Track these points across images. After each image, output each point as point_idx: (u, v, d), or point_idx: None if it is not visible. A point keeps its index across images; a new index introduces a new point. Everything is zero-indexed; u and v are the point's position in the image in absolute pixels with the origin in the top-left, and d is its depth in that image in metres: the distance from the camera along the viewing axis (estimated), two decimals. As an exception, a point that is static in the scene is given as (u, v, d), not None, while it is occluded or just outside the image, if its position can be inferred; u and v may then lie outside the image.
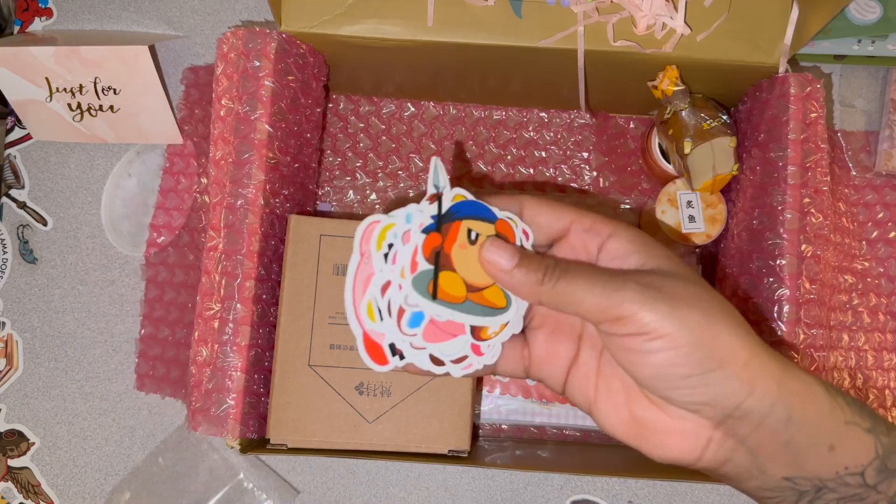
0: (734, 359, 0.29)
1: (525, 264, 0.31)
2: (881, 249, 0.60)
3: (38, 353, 0.61)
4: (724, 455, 0.31)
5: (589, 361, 0.34)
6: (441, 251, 0.31)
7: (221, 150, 0.48)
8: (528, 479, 0.59)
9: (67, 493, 0.59)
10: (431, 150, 0.63)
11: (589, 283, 0.30)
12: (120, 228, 0.62)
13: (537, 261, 0.31)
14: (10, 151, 0.64)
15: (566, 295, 0.30)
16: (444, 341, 0.32)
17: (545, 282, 0.31)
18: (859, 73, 0.63)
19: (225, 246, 0.47)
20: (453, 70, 0.55)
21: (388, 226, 0.31)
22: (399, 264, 0.31)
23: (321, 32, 0.50)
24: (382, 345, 0.32)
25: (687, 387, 0.29)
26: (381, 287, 0.31)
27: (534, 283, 0.31)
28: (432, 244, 0.31)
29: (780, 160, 0.48)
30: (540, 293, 0.31)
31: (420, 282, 0.31)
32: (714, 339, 0.29)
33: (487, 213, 0.32)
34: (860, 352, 0.58)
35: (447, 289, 0.31)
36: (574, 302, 0.30)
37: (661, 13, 0.48)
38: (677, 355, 0.29)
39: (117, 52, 0.57)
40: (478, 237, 0.32)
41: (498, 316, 0.33)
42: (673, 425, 0.31)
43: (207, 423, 0.45)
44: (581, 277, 0.30)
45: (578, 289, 0.30)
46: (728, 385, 0.29)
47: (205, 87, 0.62)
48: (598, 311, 0.30)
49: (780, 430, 0.30)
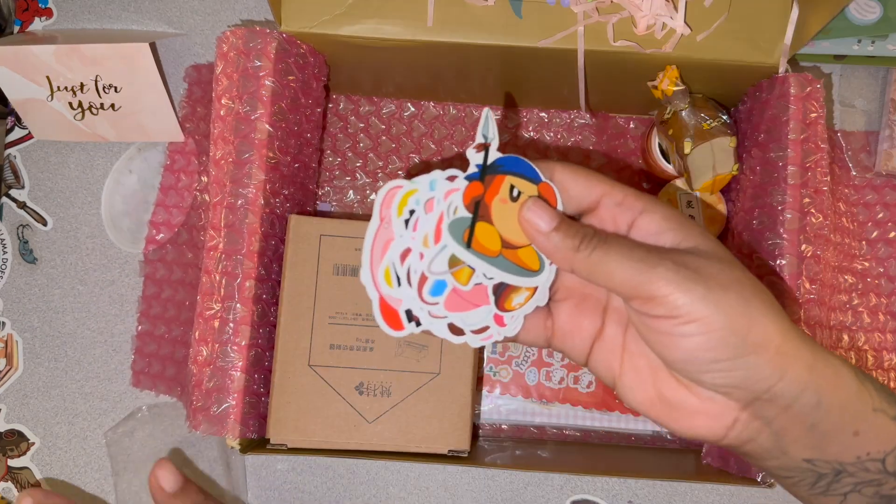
0: (768, 344, 0.28)
1: (563, 229, 0.31)
2: (881, 249, 0.60)
3: (38, 353, 0.61)
4: (748, 435, 0.31)
5: (614, 337, 0.33)
6: (482, 201, 0.31)
7: (221, 150, 0.48)
8: (528, 479, 0.59)
9: (67, 493, 0.59)
10: (431, 150, 0.63)
11: (625, 256, 0.29)
12: (120, 225, 0.62)
13: (576, 227, 0.31)
14: (10, 151, 0.64)
15: (600, 265, 0.30)
16: (467, 311, 0.32)
17: (581, 249, 0.30)
18: (859, 73, 0.63)
19: (225, 246, 0.47)
20: (453, 70, 0.55)
21: (411, 192, 0.30)
22: (421, 232, 0.30)
23: (321, 32, 0.50)
24: (399, 310, 0.31)
25: (718, 370, 0.29)
26: (400, 254, 0.31)
27: (569, 249, 0.30)
28: (473, 193, 0.30)
29: (780, 160, 0.48)
30: (574, 260, 0.30)
31: (456, 228, 0.30)
32: (749, 323, 0.28)
33: (533, 173, 0.32)
34: (860, 352, 0.58)
35: (482, 240, 0.31)
36: (607, 274, 0.30)
37: (661, 13, 0.48)
38: (710, 339, 0.28)
39: (118, 49, 0.57)
40: (520, 195, 0.31)
41: (529, 277, 0.32)
42: (700, 406, 0.31)
43: (208, 422, 0.45)
44: (617, 250, 0.30)
45: (613, 261, 0.29)
46: (760, 370, 0.29)
47: (207, 85, 0.62)
48: (630, 286, 0.29)
49: (808, 413, 0.29)
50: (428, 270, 0.31)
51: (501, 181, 0.31)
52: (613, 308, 0.33)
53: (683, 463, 0.55)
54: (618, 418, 0.56)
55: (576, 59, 0.50)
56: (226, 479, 0.58)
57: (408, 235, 0.31)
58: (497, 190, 0.31)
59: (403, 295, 0.31)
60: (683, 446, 0.58)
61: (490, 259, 0.31)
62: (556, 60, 0.51)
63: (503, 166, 0.31)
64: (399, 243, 0.31)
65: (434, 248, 0.30)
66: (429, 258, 0.31)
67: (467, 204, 0.30)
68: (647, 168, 0.61)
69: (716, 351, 0.28)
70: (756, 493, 0.58)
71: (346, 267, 0.49)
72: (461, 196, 0.30)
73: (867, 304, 0.59)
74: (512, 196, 0.31)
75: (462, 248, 0.31)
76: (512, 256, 0.32)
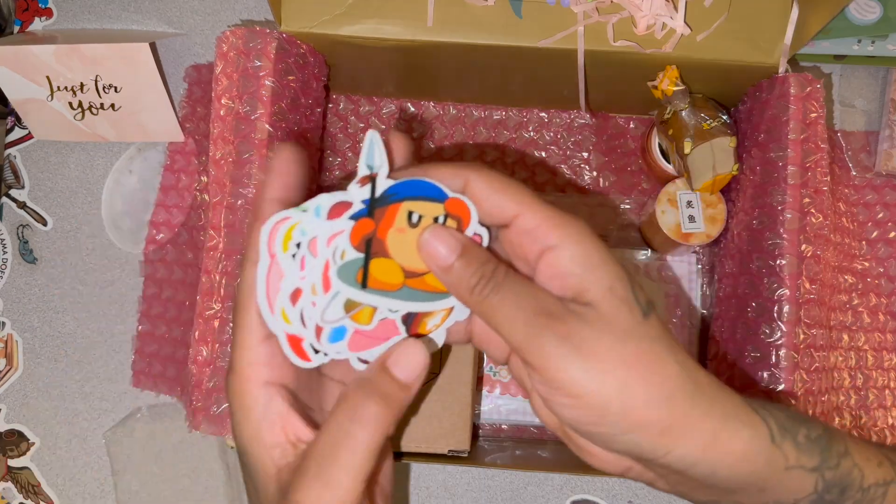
0: (648, 426, 0.26)
1: (464, 263, 0.28)
2: (881, 249, 0.60)
3: (38, 353, 0.61)
4: (647, 479, 0.30)
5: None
6: (373, 238, 0.27)
7: (221, 150, 0.48)
8: (528, 479, 0.59)
9: (67, 493, 0.59)
10: (431, 149, 0.63)
11: (513, 312, 0.27)
12: (120, 225, 0.62)
13: (476, 263, 0.28)
14: (10, 151, 0.64)
15: (490, 313, 0.27)
16: (376, 347, 0.29)
17: (475, 292, 0.28)
18: (859, 73, 0.63)
19: (225, 246, 0.47)
20: (453, 70, 0.55)
21: (294, 224, 0.27)
22: (309, 278, 0.27)
23: (321, 32, 0.50)
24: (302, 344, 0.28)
25: (597, 440, 0.28)
26: (289, 295, 0.27)
27: (465, 289, 0.28)
28: (363, 231, 0.27)
29: (780, 160, 0.48)
30: (468, 300, 0.28)
31: (347, 272, 0.27)
32: (626, 409, 0.26)
33: (435, 192, 0.28)
34: (860, 352, 0.58)
35: (380, 277, 0.28)
36: (495, 324, 0.28)
37: (661, 13, 0.48)
38: (587, 414, 0.27)
39: (118, 49, 0.57)
40: (420, 219, 0.28)
41: (441, 301, 0.29)
42: (594, 449, 0.30)
43: (208, 422, 0.45)
44: (510, 302, 0.27)
45: (501, 314, 0.27)
46: (641, 446, 0.27)
47: (207, 85, 0.62)
48: (513, 346, 0.27)
49: (703, 479, 0.28)
50: (322, 321, 0.27)
51: (396, 210, 0.28)
52: None
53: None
54: (618, 418, 0.56)
55: (576, 59, 0.50)
56: (226, 480, 0.58)
57: (296, 275, 0.27)
58: (391, 221, 0.28)
59: (304, 333, 0.28)
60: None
61: (392, 294, 0.28)
62: (556, 60, 0.51)
63: (396, 194, 0.28)
64: (288, 283, 0.27)
65: (324, 296, 0.27)
66: (321, 307, 0.27)
67: (356, 245, 0.27)
68: (647, 168, 0.61)
69: (593, 426, 0.27)
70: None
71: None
72: (347, 238, 0.27)
73: (867, 304, 0.59)
74: (411, 223, 0.28)
75: (358, 291, 0.28)
76: (418, 284, 0.29)
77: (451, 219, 0.29)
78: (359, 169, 0.27)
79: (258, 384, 0.28)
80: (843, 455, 0.30)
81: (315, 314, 0.27)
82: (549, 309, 0.27)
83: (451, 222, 0.29)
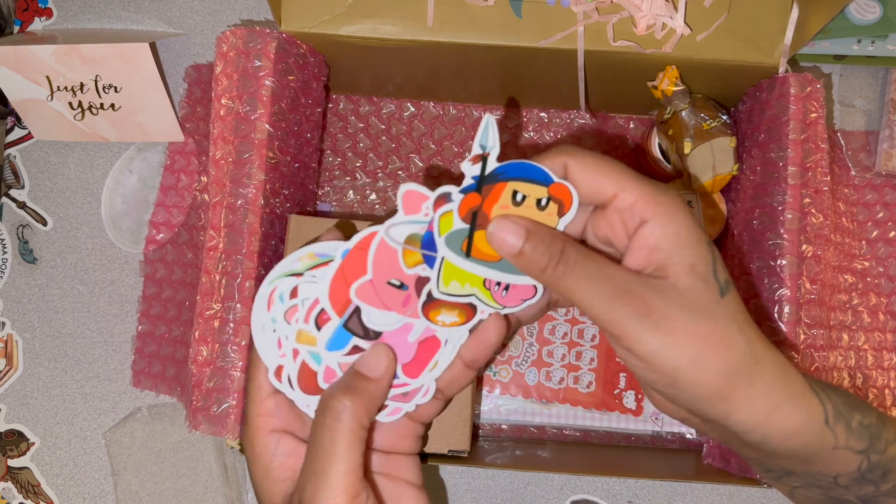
0: (713, 396, 0.29)
1: (531, 247, 0.30)
2: (881, 249, 0.60)
3: (38, 353, 0.61)
4: (703, 429, 0.33)
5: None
6: (479, 211, 0.30)
7: (221, 150, 0.48)
8: (528, 479, 0.59)
9: (67, 493, 0.59)
10: (431, 150, 0.63)
11: (591, 288, 0.29)
12: (120, 225, 0.62)
13: (543, 246, 0.30)
14: (9, 151, 0.64)
15: (568, 291, 0.30)
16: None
17: (546, 272, 0.30)
18: (859, 73, 0.63)
19: (225, 246, 0.47)
20: (453, 70, 0.55)
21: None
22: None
23: (321, 32, 0.50)
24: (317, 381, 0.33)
25: (666, 396, 0.31)
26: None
27: (537, 270, 0.30)
28: (470, 204, 0.30)
29: (780, 160, 0.48)
30: (542, 280, 0.30)
31: (453, 240, 0.30)
32: (694, 380, 0.29)
33: (541, 175, 0.30)
34: (860, 351, 0.58)
35: (483, 248, 0.30)
36: (575, 301, 0.30)
37: (661, 13, 0.48)
38: (659, 378, 0.29)
39: (118, 49, 0.57)
40: (524, 199, 0.30)
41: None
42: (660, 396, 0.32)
43: (208, 422, 0.45)
44: (586, 279, 0.29)
45: (579, 290, 0.29)
46: (702, 410, 0.30)
47: (207, 85, 0.62)
48: (595, 319, 0.30)
49: (755, 444, 0.31)
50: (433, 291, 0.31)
51: (503, 188, 0.30)
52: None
53: (683, 463, 0.55)
54: (618, 418, 0.56)
55: (576, 59, 0.50)
56: (225, 480, 0.58)
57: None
58: (497, 198, 0.30)
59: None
60: (683, 446, 0.58)
61: (492, 264, 0.31)
62: (556, 60, 0.51)
63: (504, 173, 0.30)
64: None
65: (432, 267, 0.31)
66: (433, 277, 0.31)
67: (463, 216, 0.30)
68: (647, 168, 0.61)
69: (662, 386, 0.30)
70: (756, 493, 0.58)
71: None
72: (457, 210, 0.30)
73: (867, 304, 0.59)
74: (515, 201, 0.30)
75: (461, 258, 0.30)
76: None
77: (554, 202, 0.30)
78: (472, 148, 0.29)
79: (266, 432, 0.32)
80: (891, 442, 0.32)
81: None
82: (626, 286, 0.29)
83: (552, 206, 0.30)
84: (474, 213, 0.30)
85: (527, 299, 0.32)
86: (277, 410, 0.33)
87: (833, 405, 0.31)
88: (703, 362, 0.29)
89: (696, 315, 0.29)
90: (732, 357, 0.29)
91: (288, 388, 0.32)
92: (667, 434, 0.58)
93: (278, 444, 0.32)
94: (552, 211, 0.31)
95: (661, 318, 0.28)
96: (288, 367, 0.32)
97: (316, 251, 0.32)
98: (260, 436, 0.32)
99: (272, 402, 0.33)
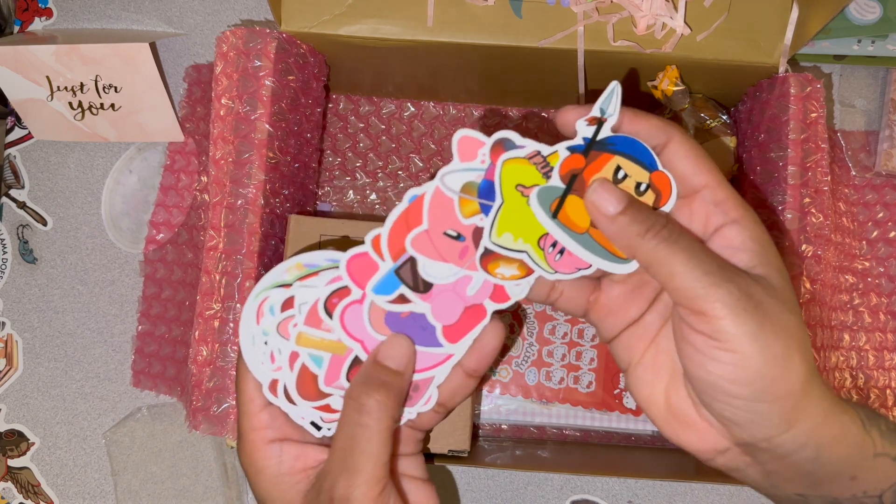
0: (787, 398, 0.28)
1: (631, 212, 0.29)
2: (881, 249, 0.60)
3: (38, 353, 0.61)
4: (737, 466, 0.31)
5: (650, 325, 0.32)
6: (579, 174, 0.29)
7: (221, 150, 0.48)
8: (528, 479, 0.59)
9: (67, 493, 0.59)
10: (431, 150, 0.63)
11: (691, 262, 0.28)
12: (120, 225, 0.62)
13: (646, 213, 0.29)
14: (9, 151, 0.64)
15: (663, 261, 0.28)
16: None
17: (647, 237, 0.28)
18: (859, 73, 0.63)
19: (225, 246, 0.47)
20: (453, 70, 0.55)
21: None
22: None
23: (321, 32, 0.50)
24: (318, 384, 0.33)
25: (731, 404, 0.29)
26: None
27: (635, 234, 0.28)
28: (572, 165, 0.28)
29: (780, 160, 0.48)
30: (638, 246, 0.29)
31: (545, 196, 0.29)
32: (781, 374, 0.28)
33: (649, 158, 0.29)
34: (861, 351, 0.58)
35: (571, 214, 0.29)
36: (668, 272, 0.28)
37: (661, 13, 0.48)
38: (739, 374, 0.28)
39: (118, 49, 0.57)
40: (626, 178, 0.29)
41: (616, 263, 0.30)
42: (698, 424, 0.31)
43: (208, 422, 0.45)
44: (686, 252, 0.28)
45: (678, 262, 0.28)
46: (769, 418, 0.28)
47: (207, 85, 0.62)
48: (686, 295, 0.28)
49: (804, 465, 0.29)
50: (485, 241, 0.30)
51: (608, 159, 0.29)
52: (663, 301, 0.32)
53: (683, 463, 0.55)
54: (618, 418, 0.56)
55: (576, 59, 0.50)
56: (225, 480, 0.58)
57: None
58: (600, 168, 0.29)
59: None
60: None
61: (575, 235, 0.29)
62: (556, 60, 0.51)
63: (614, 145, 0.28)
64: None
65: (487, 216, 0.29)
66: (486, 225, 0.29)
67: (562, 175, 0.28)
68: (647, 168, 0.61)
69: (739, 385, 0.28)
70: (756, 493, 0.58)
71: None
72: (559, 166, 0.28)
73: (868, 304, 0.59)
74: (616, 177, 0.29)
75: (548, 218, 0.29)
76: (601, 238, 0.30)
77: (652, 190, 0.29)
78: (593, 109, 0.28)
79: (265, 444, 0.32)
80: None
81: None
82: (726, 267, 0.28)
83: (650, 194, 0.29)
84: (574, 175, 0.29)
85: (581, 269, 0.30)
86: (273, 422, 0.32)
87: (862, 410, 0.31)
88: (791, 359, 0.28)
89: (789, 310, 0.28)
90: (809, 360, 0.28)
91: (284, 402, 0.32)
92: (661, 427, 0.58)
93: (282, 451, 0.32)
94: (648, 199, 0.30)
95: (759, 304, 0.27)
96: (284, 377, 0.32)
97: (304, 262, 0.31)
98: (260, 448, 0.32)
99: (266, 415, 0.32)
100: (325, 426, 0.33)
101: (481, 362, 0.33)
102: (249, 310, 0.31)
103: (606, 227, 0.29)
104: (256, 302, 0.31)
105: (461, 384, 0.34)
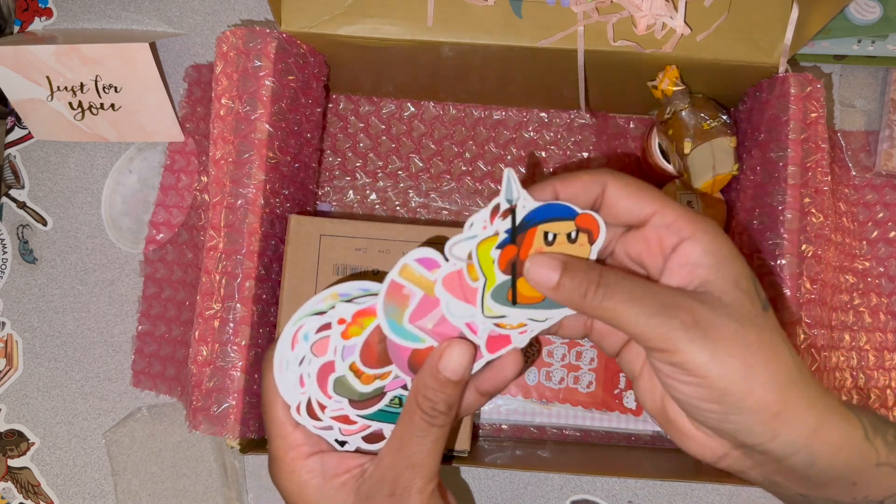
0: (763, 409, 0.28)
1: (569, 274, 0.30)
2: (881, 249, 0.60)
3: (38, 353, 0.61)
4: (739, 468, 0.32)
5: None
6: (517, 261, 0.31)
7: (221, 150, 0.48)
8: (528, 479, 0.59)
9: (67, 493, 0.59)
10: (431, 150, 0.63)
11: (634, 308, 0.29)
12: (120, 225, 0.62)
13: (582, 272, 0.30)
14: (9, 151, 0.64)
15: (610, 313, 0.29)
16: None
17: (587, 297, 0.30)
18: (859, 73, 0.63)
19: (225, 246, 0.47)
20: (453, 70, 0.55)
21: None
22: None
23: (321, 32, 0.50)
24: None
25: (710, 418, 0.29)
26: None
27: (578, 298, 0.30)
28: (508, 256, 0.31)
29: (781, 160, 0.48)
30: (584, 307, 0.30)
31: (499, 293, 0.31)
32: (747, 390, 0.28)
33: (566, 211, 0.31)
34: (861, 351, 0.58)
35: (526, 293, 0.31)
36: (617, 323, 0.29)
37: (661, 13, 0.48)
38: (707, 394, 0.28)
39: (118, 49, 0.57)
40: (555, 238, 0.31)
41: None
42: (694, 433, 0.31)
43: (208, 422, 0.45)
44: (628, 300, 0.29)
45: (622, 310, 0.29)
46: (751, 428, 0.29)
47: (207, 85, 0.62)
48: (640, 338, 0.29)
49: (801, 469, 0.30)
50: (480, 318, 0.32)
51: (534, 233, 0.31)
52: None
53: (683, 463, 0.55)
54: (618, 418, 0.56)
55: (576, 59, 0.50)
56: (225, 480, 0.58)
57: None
58: (531, 243, 0.31)
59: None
60: (683, 446, 0.58)
61: (537, 305, 0.32)
62: (556, 60, 0.51)
63: (533, 219, 0.31)
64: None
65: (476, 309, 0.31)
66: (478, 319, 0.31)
67: (503, 269, 0.31)
68: (647, 168, 0.61)
69: (709, 403, 0.29)
70: (756, 493, 0.58)
71: (346, 267, 0.49)
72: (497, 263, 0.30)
73: (868, 304, 0.59)
74: (547, 241, 0.31)
75: (510, 308, 0.31)
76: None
77: (583, 232, 0.31)
78: (500, 205, 0.30)
79: (304, 458, 0.33)
80: None
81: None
82: (671, 300, 0.29)
83: (582, 236, 0.31)
84: (513, 263, 0.31)
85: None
86: (308, 439, 0.34)
87: (868, 419, 0.31)
88: (754, 372, 0.28)
89: (743, 324, 0.29)
90: (782, 367, 0.29)
91: (308, 420, 0.33)
92: (667, 434, 0.58)
93: (323, 461, 0.33)
94: (583, 241, 0.31)
95: (710, 328, 0.28)
96: (310, 391, 0.33)
97: (339, 291, 0.33)
98: (299, 465, 0.33)
99: (299, 434, 0.34)
100: (346, 439, 0.34)
101: (496, 387, 0.34)
102: (286, 336, 0.33)
103: (554, 297, 0.31)
104: (293, 329, 0.33)
105: (472, 401, 0.35)
